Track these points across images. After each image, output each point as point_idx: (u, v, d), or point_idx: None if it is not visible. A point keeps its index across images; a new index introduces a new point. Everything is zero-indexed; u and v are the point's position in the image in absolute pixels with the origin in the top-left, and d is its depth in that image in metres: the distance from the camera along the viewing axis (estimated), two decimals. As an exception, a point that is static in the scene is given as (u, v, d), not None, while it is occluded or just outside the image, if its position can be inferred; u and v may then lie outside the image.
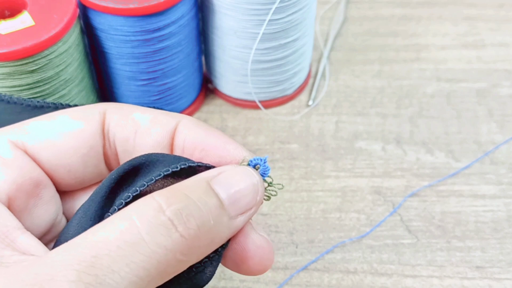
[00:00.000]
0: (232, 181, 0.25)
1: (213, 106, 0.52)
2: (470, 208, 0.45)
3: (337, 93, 0.53)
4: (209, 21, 0.47)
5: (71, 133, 0.27)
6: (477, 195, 0.45)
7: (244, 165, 0.27)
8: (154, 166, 0.26)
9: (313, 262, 0.41)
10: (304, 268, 0.41)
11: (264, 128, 0.50)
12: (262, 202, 0.27)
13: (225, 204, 0.24)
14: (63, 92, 0.42)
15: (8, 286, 0.21)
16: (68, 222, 0.27)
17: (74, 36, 0.41)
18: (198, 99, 0.52)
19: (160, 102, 0.48)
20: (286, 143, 0.49)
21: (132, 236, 0.22)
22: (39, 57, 0.39)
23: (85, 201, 0.26)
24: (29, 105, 0.36)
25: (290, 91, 0.52)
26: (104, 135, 0.28)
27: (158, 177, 0.25)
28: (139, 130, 0.28)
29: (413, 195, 0.45)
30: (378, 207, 0.45)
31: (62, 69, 0.41)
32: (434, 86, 0.54)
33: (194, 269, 0.25)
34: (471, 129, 0.50)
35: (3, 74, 0.39)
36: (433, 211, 0.44)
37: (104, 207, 0.25)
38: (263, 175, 0.27)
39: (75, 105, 0.32)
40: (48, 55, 0.39)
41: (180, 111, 0.50)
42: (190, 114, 0.51)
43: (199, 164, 0.26)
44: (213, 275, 0.26)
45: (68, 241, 0.22)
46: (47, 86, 0.41)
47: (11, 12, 0.42)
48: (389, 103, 0.52)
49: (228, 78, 0.50)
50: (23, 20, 0.39)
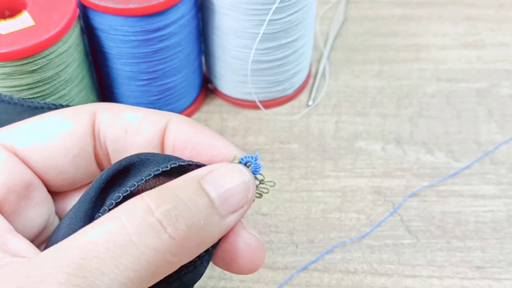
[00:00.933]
0: (223, 180, 0.25)
1: (213, 106, 0.52)
2: (470, 208, 0.45)
3: (337, 93, 0.53)
4: (209, 21, 0.47)
5: (61, 134, 0.27)
6: (477, 195, 0.45)
7: (236, 163, 0.26)
8: (145, 166, 0.26)
9: (313, 262, 0.41)
10: (304, 268, 0.41)
11: (264, 128, 0.50)
12: (254, 200, 0.26)
13: (216, 203, 0.24)
14: (63, 92, 0.42)
15: None
16: (59, 223, 0.26)
17: (74, 36, 0.41)
18: (198, 99, 0.52)
19: (160, 102, 0.48)
20: (286, 143, 0.49)
21: (121, 238, 0.22)
22: (39, 57, 0.39)
23: (76, 203, 0.26)
24: (30, 106, 0.36)
25: (290, 91, 0.52)
26: (95, 136, 0.28)
27: (148, 177, 0.25)
28: (129, 129, 0.28)
29: (413, 195, 0.45)
30: (378, 207, 0.45)
31: (62, 69, 0.41)
32: (434, 86, 0.54)
33: (185, 269, 0.25)
34: (471, 129, 0.50)
35: (3, 74, 0.39)
36: (433, 211, 0.44)
37: (95, 208, 0.25)
38: (255, 173, 0.26)
39: (76, 106, 0.32)
40: (48, 55, 0.39)
41: (180, 111, 0.50)
42: (190, 114, 0.51)
43: (190, 163, 0.26)
44: (203, 274, 0.26)
45: (58, 243, 0.22)
46: (47, 86, 0.41)
47: (11, 12, 0.42)
48: (389, 103, 0.52)
49: (228, 78, 0.50)
50: (23, 20, 0.39)
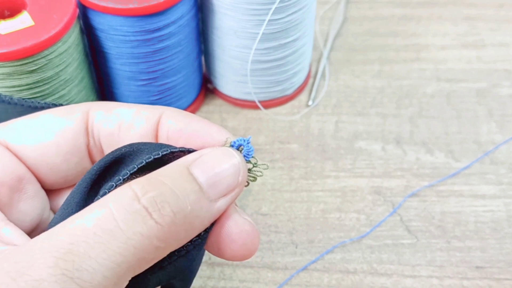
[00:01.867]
0: (212, 164, 0.25)
1: (213, 106, 0.52)
2: (470, 208, 0.45)
3: (337, 93, 0.53)
4: (209, 21, 0.47)
5: (53, 132, 0.28)
6: (477, 195, 0.45)
7: (228, 146, 0.26)
8: (137, 155, 0.26)
9: (313, 262, 0.41)
10: (304, 268, 0.41)
11: (264, 128, 0.50)
12: (247, 184, 0.26)
13: (204, 188, 0.24)
14: (63, 92, 0.42)
15: None
16: (53, 218, 0.27)
17: (74, 36, 0.41)
18: (198, 99, 0.52)
19: (160, 102, 0.48)
20: (286, 143, 0.49)
21: (108, 224, 0.22)
22: (39, 57, 0.39)
23: (68, 195, 0.26)
24: (30, 106, 0.36)
25: (290, 91, 0.52)
26: (88, 133, 0.28)
27: (141, 165, 0.25)
28: (123, 125, 0.28)
29: (413, 195, 0.45)
30: (378, 207, 0.45)
31: (62, 69, 0.41)
32: (434, 86, 0.54)
33: (176, 253, 0.25)
34: (471, 129, 0.50)
35: (3, 74, 0.39)
36: (433, 211, 0.44)
37: (88, 199, 0.25)
38: (247, 156, 0.26)
39: (70, 105, 0.33)
40: (48, 55, 0.39)
41: (180, 111, 0.50)
42: (190, 114, 0.51)
43: (181, 149, 0.26)
44: (200, 262, 0.26)
45: (47, 230, 0.22)
46: (47, 86, 0.41)
47: (11, 12, 0.42)
48: (389, 103, 0.52)
49: (228, 78, 0.50)
50: (23, 20, 0.39)
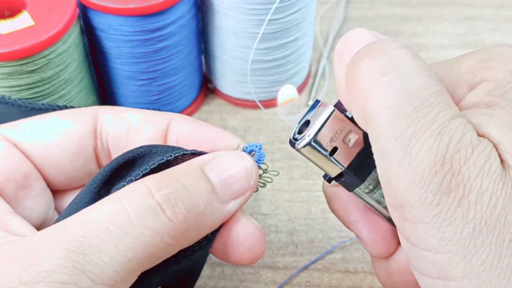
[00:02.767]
0: (225, 165, 0.25)
1: (213, 106, 0.52)
2: (470, 208, 0.44)
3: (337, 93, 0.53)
4: (209, 21, 0.47)
5: (61, 133, 0.28)
6: (477, 195, 0.45)
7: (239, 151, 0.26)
8: (149, 157, 0.26)
9: (313, 262, 0.41)
10: (304, 268, 0.41)
11: (264, 128, 0.50)
12: (257, 190, 0.27)
13: (217, 189, 0.24)
14: (63, 92, 0.42)
15: None
16: (60, 215, 0.27)
17: (74, 36, 0.41)
18: (198, 99, 0.52)
19: (160, 102, 0.48)
20: (286, 143, 0.49)
21: (121, 218, 0.22)
22: (39, 57, 0.39)
23: (78, 194, 0.26)
24: (34, 108, 0.36)
25: (290, 91, 0.52)
26: (96, 136, 0.29)
27: (153, 166, 0.25)
28: (132, 129, 0.28)
29: (413, 195, 0.45)
30: (378, 207, 0.45)
31: (62, 69, 0.41)
32: (434, 86, 0.53)
33: (182, 254, 0.25)
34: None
35: (3, 74, 0.39)
36: (433, 211, 0.44)
37: (98, 199, 0.25)
38: (258, 162, 0.27)
39: (79, 108, 0.33)
40: (48, 55, 0.39)
41: (180, 111, 0.50)
42: (190, 114, 0.51)
43: (193, 152, 0.26)
44: (203, 264, 0.26)
45: (58, 222, 0.23)
46: (47, 86, 0.41)
47: (11, 12, 0.42)
48: (389, 103, 0.52)
49: (228, 78, 0.50)
50: (23, 20, 0.39)
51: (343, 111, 0.25)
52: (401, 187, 0.20)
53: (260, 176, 0.27)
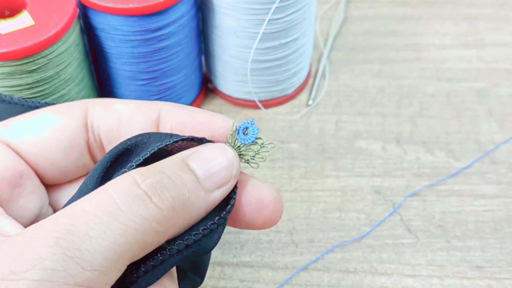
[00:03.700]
0: (207, 157, 0.26)
1: (213, 106, 0.52)
2: (470, 208, 0.44)
3: (337, 93, 0.53)
4: (209, 21, 0.47)
5: (52, 128, 0.28)
6: (477, 195, 0.45)
7: (233, 131, 0.28)
8: (148, 144, 0.27)
9: (313, 262, 0.41)
10: (304, 268, 0.41)
11: (264, 128, 0.50)
12: (258, 166, 0.28)
13: (201, 178, 0.25)
14: (63, 92, 0.42)
15: None
16: (63, 206, 0.27)
17: (74, 36, 0.41)
18: (198, 99, 0.52)
19: (160, 102, 0.48)
20: (286, 143, 0.49)
21: (109, 206, 0.22)
22: (39, 57, 0.39)
23: (80, 186, 0.27)
24: (30, 106, 0.36)
25: (290, 91, 0.52)
26: (88, 129, 0.29)
27: (153, 150, 0.26)
28: (123, 120, 0.29)
29: (413, 195, 0.45)
30: (378, 207, 0.45)
31: (62, 69, 0.41)
32: (434, 86, 0.54)
33: (202, 231, 0.25)
34: (471, 129, 0.50)
35: (3, 74, 0.39)
36: (433, 211, 0.44)
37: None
38: (253, 136, 0.28)
39: (68, 102, 0.33)
40: (48, 55, 0.39)
41: (180, 111, 0.50)
42: (190, 114, 0.51)
43: (192, 137, 0.27)
44: (218, 241, 0.27)
45: (48, 217, 0.23)
46: (47, 86, 0.41)
47: (11, 12, 0.42)
48: (389, 103, 0.52)
49: (228, 78, 0.50)
50: (23, 20, 0.39)
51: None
52: None
53: (257, 152, 0.28)
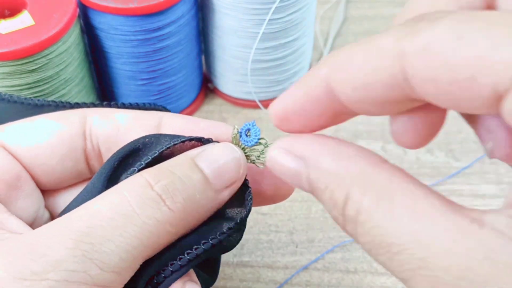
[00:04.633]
0: (215, 157, 0.26)
1: (213, 106, 0.52)
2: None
3: (337, 93, 0.53)
4: (209, 21, 0.47)
5: (50, 134, 0.28)
6: (477, 195, 0.45)
7: (235, 134, 0.28)
8: (157, 143, 0.27)
9: (313, 262, 0.41)
10: (304, 268, 0.41)
11: (264, 128, 0.50)
12: (264, 166, 0.27)
13: (210, 178, 0.26)
14: (63, 92, 0.42)
15: (3, 257, 0.21)
16: (66, 207, 0.27)
17: (74, 36, 0.41)
18: (198, 99, 0.52)
19: (160, 102, 0.48)
20: (286, 143, 0.49)
21: (124, 209, 0.23)
22: (39, 57, 0.39)
23: (87, 185, 0.27)
24: (30, 104, 0.36)
25: (290, 91, 0.52)
26: (86, 137, 0.29)
27: (161, 150, 0.26)
28: (121, 128, 0.29)
29: (413, 195, 0.45)
30: (378, 207, 0.45)
31: (62, 69, 0.41)
32: (434, 86, 0.54)
33: (226, 230, 0.26)
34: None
35: (3, 74, 0.39)
36: (433, 211, 0.44)
37: (109, 187, 0.26)
38: (256, 137, 0.28)
39: (76, 103, 0.33)
40: (48, 55, 0.39)
41: (180, 111, 0.50)
42: (190, 114, 0.51)
43: (200, 138, 0.27)
44: (240, 240, 0.27)
45: (63, 215, 0.23)
46: (47, 86, 0.41)
47: (11, 12, 0.42)
48: (389, 103, 0.52)
49: (228, 78, 0.50)
50: (23, 20, 0.39)
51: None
52: None
53: (262, 152, 0.28)
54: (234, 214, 0.27)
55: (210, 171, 0.26)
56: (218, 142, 0.28)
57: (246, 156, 0.28)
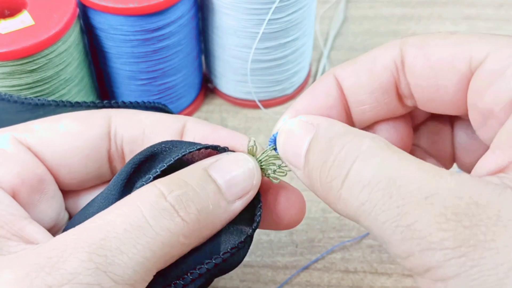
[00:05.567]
0: (228, 167, 0.26)
1: (213, 106, 0.52)
2: (470, 208, 0.44)
3: (337, 93, 0.53)
4: (209, 21, 0.47)
5: (74, 135, 0.28)
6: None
7: (251, 146, 0.28)
8: (172, 151, 0.27)
9: (313, 262, 0.41)
10: (304, 268, 0.41)
11: (264, 128, 0.50)
12: (278, 180, 0.28)
13: (223, 189, 0.26)
14: (63, 92, 0.42)
15: (18, 270, 0.21)
16: (83, 209, 0.27)
17: (74, 36, 0.41)
18: (198, 99, 0.52)
19: (160, 101, 0.48)
20: (286, 143, 0.49)
21: (138, 220, 0.23)
22: (39, 57, 0.39)
23: (103, 190, 0.27)
24: (30, 103, 0.36)
25: (290, 91, 0.52)
26: (110, 138, 0.29)
27: (177, 157, 0.26)
28: (147, 131, 0.29)
29: (413, 195, 0.45)
30: (378, 207, 0.44)
31: (62, 69, 0.41)
32: (434, 86, 0.54)
33: (230, 250, 0.26)
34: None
35: (3, 74, 0.39)
36: (433, 211, 0.44)
37: (123, 195, 0.26)
38: (276, 150, 0.28)
39: (76, 102, 0.33)
40: (48, 55, 0.39)
41: (180, 111, 0.50)
42: (190, 114, 0.51)
43: (215, 146, 0.27)
44: (245, 257, 0.27)
45: (76, 226, 0.23)
46: (47, 86, 0.41)
47: (11, 12, 0.42)
48: (389, 103, 0.52)
49: (228, 78, 0.50)
50: (23, 20, 0.39)
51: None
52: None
53: (280, 167, 0.28)
54: (242, 229, 0.27)
55: (223, 182, 0.26)
56: (234, 152, 0.28)
57: (262, 170, 0.28)
